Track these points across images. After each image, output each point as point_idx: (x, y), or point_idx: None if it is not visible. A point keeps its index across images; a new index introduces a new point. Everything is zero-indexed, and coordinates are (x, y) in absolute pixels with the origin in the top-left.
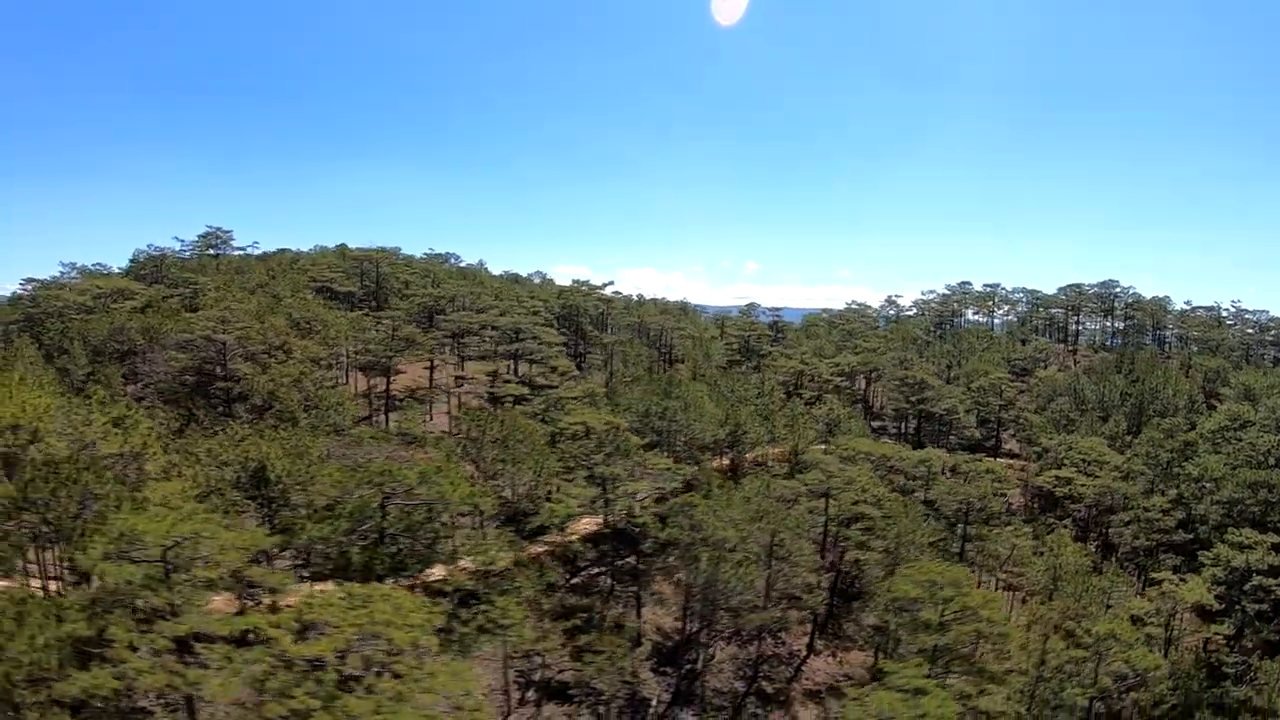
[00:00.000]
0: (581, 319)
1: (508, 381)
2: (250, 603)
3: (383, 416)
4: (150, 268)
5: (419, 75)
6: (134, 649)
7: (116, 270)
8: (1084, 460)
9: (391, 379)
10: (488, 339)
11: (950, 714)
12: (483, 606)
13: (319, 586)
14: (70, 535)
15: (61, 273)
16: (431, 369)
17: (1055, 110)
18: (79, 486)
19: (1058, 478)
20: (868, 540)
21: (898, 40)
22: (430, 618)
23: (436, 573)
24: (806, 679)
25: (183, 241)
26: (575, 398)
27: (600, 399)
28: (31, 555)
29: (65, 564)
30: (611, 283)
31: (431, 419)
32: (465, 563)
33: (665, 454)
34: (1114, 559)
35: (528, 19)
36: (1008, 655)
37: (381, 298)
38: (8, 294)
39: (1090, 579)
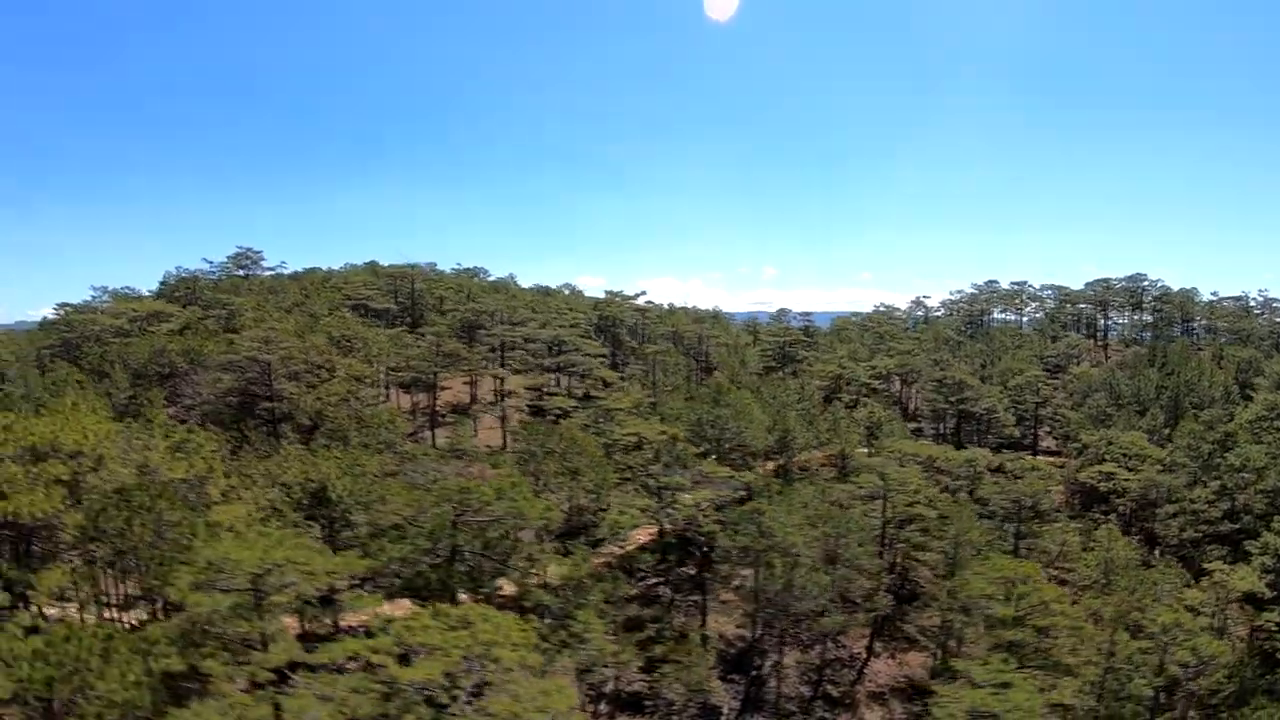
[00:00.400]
0: (619, 330)
1: (553, 394)
2: (313, 625)
3: (428, 432)
4: (183, 290)
5: (418, 83)
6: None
7: (147, 293)
8: (1124, 455)
9: (441, 394)
10: (530, 353)
11: (1036, 705)
12: (565, 621)
13: (390, 606)
14: (148, 565)
15: (93, 296)
16: (472, 384)
17: (1069, 102)
18: (153, 514)
19: (1101, 473)
20: (926, 541)
21: (904, 29)
22: (528, 635)
23: (504, 588)
24: (869, 681)
25: (211, 263)
26: (624, 409)
27: (647, 409)
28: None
29: (144, 595)
30: (644, 292)
31: (477, 434)
32: (537, 577)
33: (717, 461)
34: (1158, 551)
35: (523, 23)
36: (1079, 648)
37: (417, 314)
38: (36, 319)
39: (1142, 572)
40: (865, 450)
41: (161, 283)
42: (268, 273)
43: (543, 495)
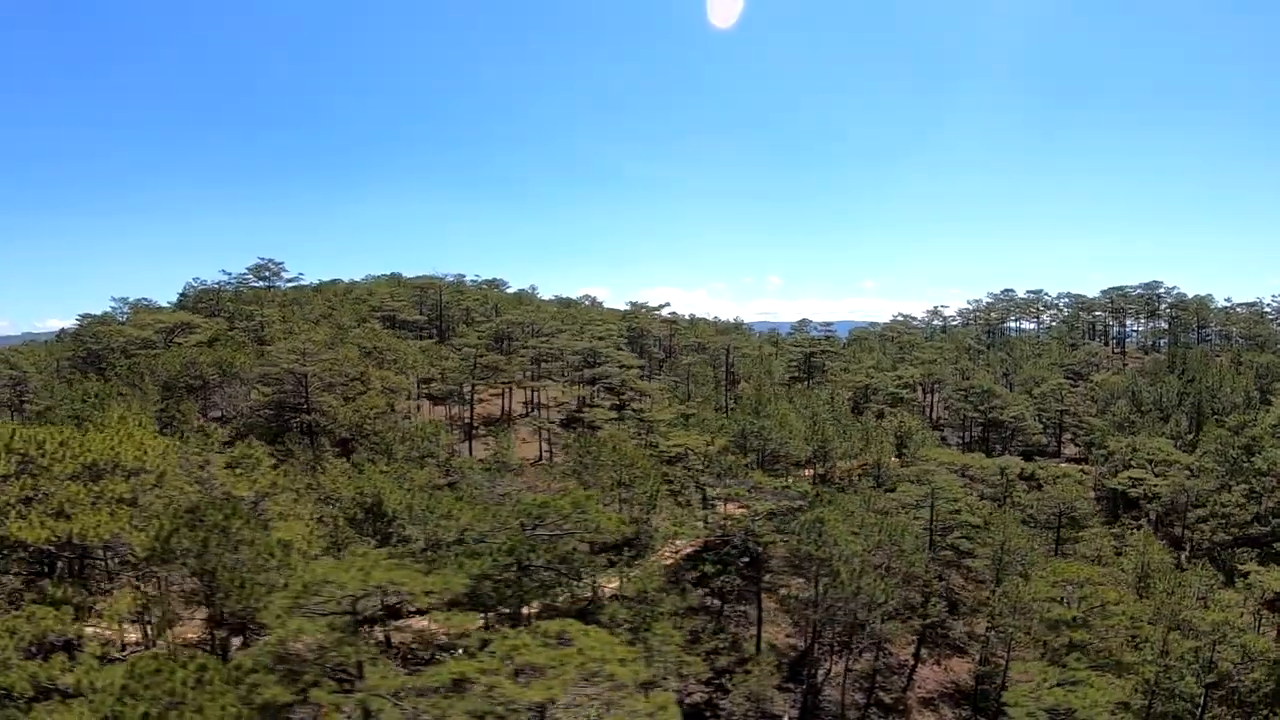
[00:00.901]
0: (646, 341)
1: (595, 406)
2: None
3: (465, 445)
4: (206, 301)
5: (421, 91)
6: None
7: (167, 304)
8: (1151, 461)
9: (475, 407)
10: (566, 364)
11: (1112, 699)
12: (640, 634)
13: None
14: (228, 589)
15: (113, 308)
16: (504, 396)
17: (1074, 107)
18: (229, 535)
19: (1130, 478)
20: (973, 548)
21: (907, 34)
22: (633, 651)
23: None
24: (918, 687)
25: (228, 274)
26: (665, 420)
27: (682, 420)
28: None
29: (221, 619)
30: (667, 304)
31: (514, 446)
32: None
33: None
34: (1186, 555)
35: (527, 27)
36: (1140, 647)
37: (444, 326)
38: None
39: (1179, 574)
40: (895, 459)
41: (181, 294)
42: (289, 284)
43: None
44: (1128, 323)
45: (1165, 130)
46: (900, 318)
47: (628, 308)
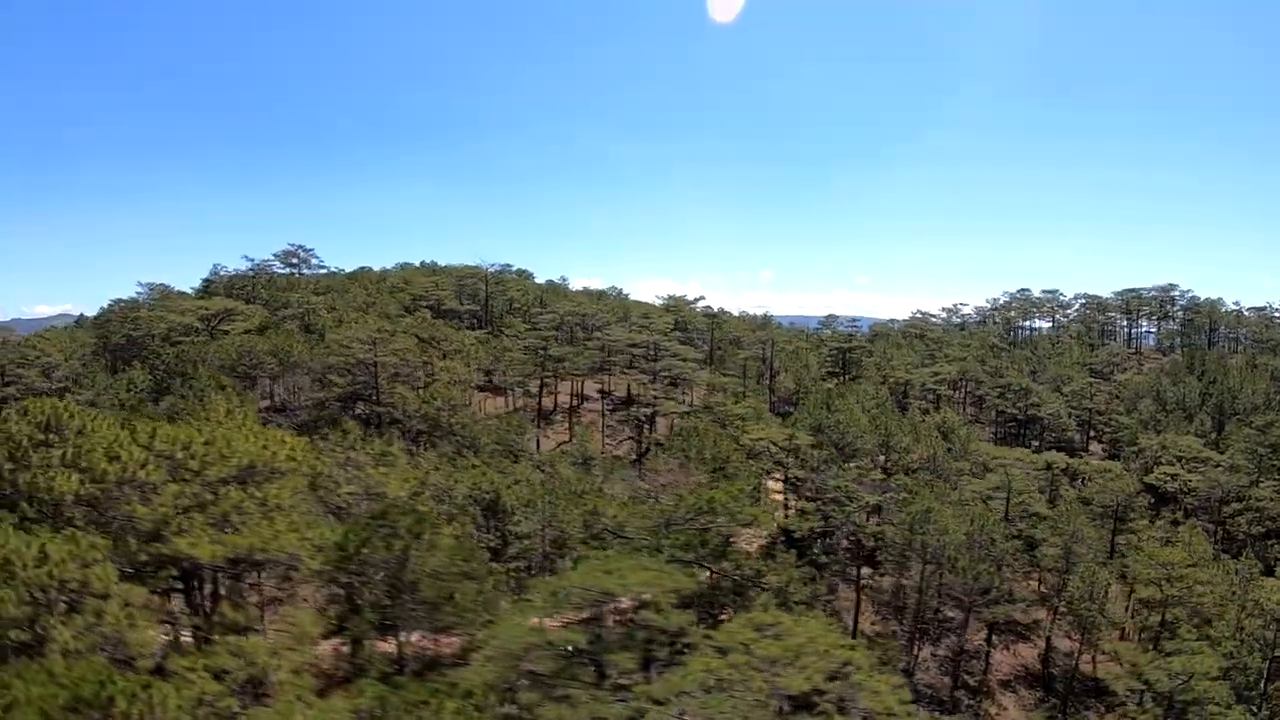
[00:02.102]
0: (690, 335)
1: (641, 399)
2: None
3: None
4: (240, 286)
5: (409, 81)
6: None
7: (189, 291)
8: (1181, 458)
9: (542, 399)
10: (622, 357)
11: (1215, 668)
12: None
13: None
14: (433, 600)
15: (139, 293)
16: (554, 388)
17: (1068, 108)
18: (423, 540)
19: (1166, 474)
20: (1046, 537)
21: (907, 32)
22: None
23: None
24: (995, 671)
25: (251, 260)
26: (740, 414)
27: (763, 414)
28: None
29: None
30: (702, 297)
31: (571, 438)
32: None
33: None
34: (1219, 545)
35: (516, 15)
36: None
37: (490, 316)
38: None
39: (1231, 563)
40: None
41: (206, 279)
42: (321, 271)
43: None
44: (1141, 324)
45: (1165, 131)
46: (919, 314)
47: (659, 300)
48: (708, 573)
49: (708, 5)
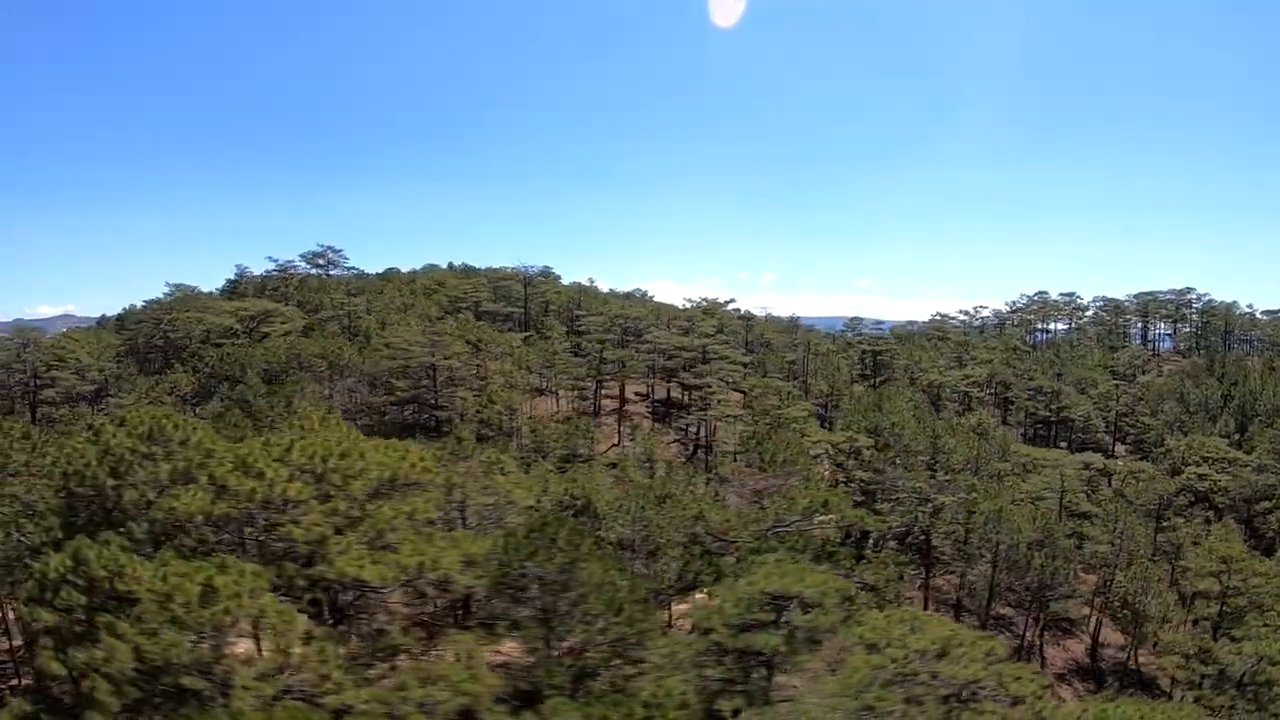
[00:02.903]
0: (726, 337)
1: (723, 403)
2: None
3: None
4: (272, 287)
5: (410, 81)
6: None
7: (213, 291)
8: (1206, 459)
9: (598, 401)
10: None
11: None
12: None
13: None
14: (600, 615)
15: (165, 294)
16: (597, 391)
17: (1071, 110)
18: (581, 550)
19: (1196, 474)
20: (1096, 535)
21: (909, 34)
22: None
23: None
24: (1050, 666)
25: (275, 260)
26: (799, 417)
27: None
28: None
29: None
30: (733, 300)
31: (620, 441)
32: None
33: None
34: (1246, 541)
35: (520, 19)
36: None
37: (530, 319)
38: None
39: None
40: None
41: (232, 280)
42: (351, 272)
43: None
44: (1157, 327)
45: (1166, 131)
46: (938, 316)
47: (686, 303)
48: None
49: (709, 9)
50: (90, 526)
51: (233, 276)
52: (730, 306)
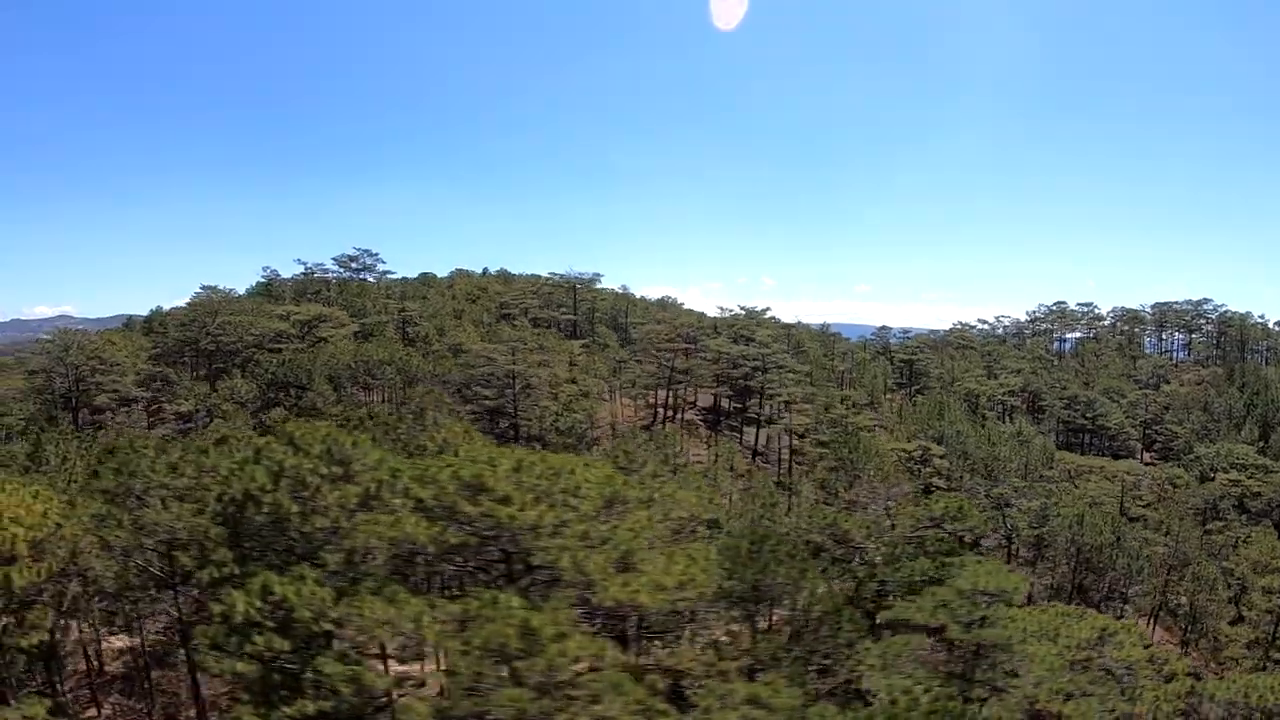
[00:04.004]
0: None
1: (795, 410)
2: None
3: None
4: (314, 290)
5: (404, 82)
6: None
7: (243, 292)
8: (1237, 465)
9: (669, 409)
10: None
11: None
12: None
13: None
14: (812, 623)
15: (195, 296)
16: (666, 398)
17: (1069, 115)
18: (797, 564)
19: (1230, 480)
20: (1154, 538)
21: (910, 38)
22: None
23: None
24: None
25: (304, 263)
26: (865, 425)
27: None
28: None
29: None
30: (768, 309)
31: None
32: None
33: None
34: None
35: (516, 19)
36: None
37: (581, 325)
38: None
39: None
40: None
41: (263, 281)
42: (390, 276)
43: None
44: (1173, 337)
45: (1166, 131)
46: (959, 325)
47: (722, 311)
48: None
49: (711, 13)
50: (264, 557)
51: (263, 279)
52: (768, 315)
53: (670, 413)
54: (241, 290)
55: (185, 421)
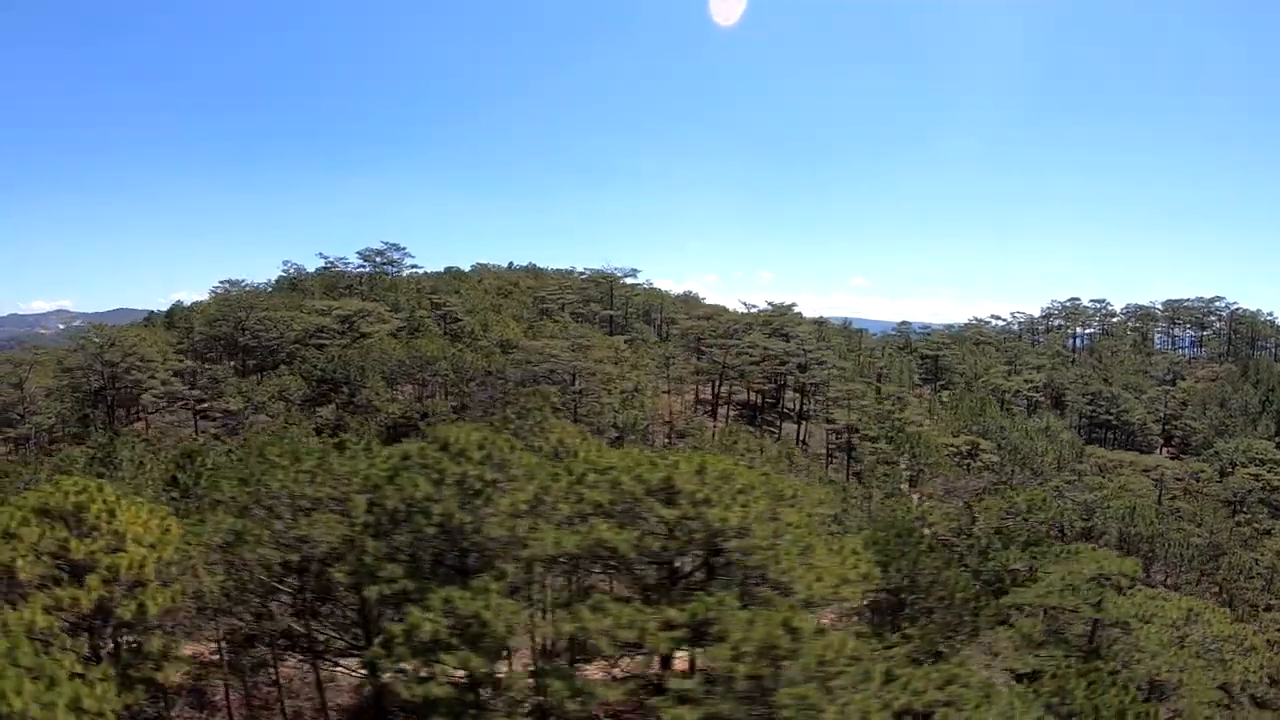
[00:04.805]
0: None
1: (839, 407)
2: None
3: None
4: (345, 285)
5: (405, 78)
6: None
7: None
8: (1256, 459)
9: (718, 405)
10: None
11: None
12: None
13: None
14: (941, 607)
15: (217, 290)
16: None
17: (1068, 112)
18: (935, 556)
19: (1253, 475)
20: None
21: (903, 36)
22: None
23: None
24: None
25: (326, 257)
26: (914, 421)
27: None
28: None
29: None
30: (794, 304)
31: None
32: None
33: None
34: None
35: (515, 13)
36: None
37: (614, 321)
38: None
39: None
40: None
41: (286, 276)
42: (418, 271)
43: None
44: (1185, 334)
45: (1165, 132)
46: (974, 321)
47: (744, 307)
48: None
49: (710, 8)
50: (435, 571)
51: (283, 273)
52: (794, 310)
53: (716, 408)
54: (254, 284)
55: (231, 419)
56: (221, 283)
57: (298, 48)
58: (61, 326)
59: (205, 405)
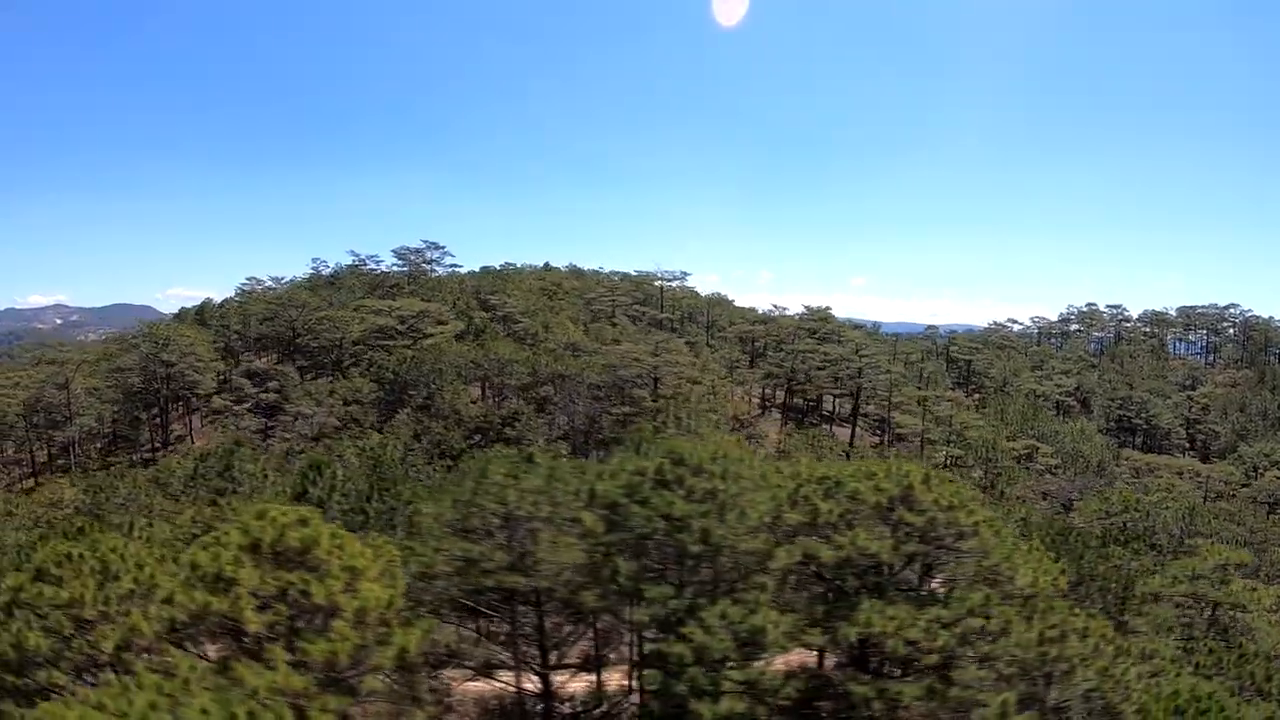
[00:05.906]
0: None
1: (907, 413)
2: None
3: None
4: (392, 283)
5: (404, 73)
6: None
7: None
8: (1278, 463)
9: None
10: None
11: None
12: None
13: None
14: None
15: (243, 287)
16: (787, 395)
17: (1067, 110)
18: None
19: (1278, 477)
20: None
21: (904, 38)
22: None
23: None
24: None
25: (357, 255)
26: (967, 423)
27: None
28: None
29: None
30: (829, 307)
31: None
32: None
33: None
34: None
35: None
36: None
37: (671, 323)
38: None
39: None
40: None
41: (323, 274)
42: (459, 270)
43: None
44: (1200, 339)
45: (1165, 132)
46: (994, 324)
47: (775, 309)
48: None
49: (712, 10)
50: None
51: (311, 269)
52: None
53: (769, 410)
54: (280, 281)
55: (298, 422)
56: (248, 279)
57: (297, 48)
58: (59, 321)
59: (271, 408)
